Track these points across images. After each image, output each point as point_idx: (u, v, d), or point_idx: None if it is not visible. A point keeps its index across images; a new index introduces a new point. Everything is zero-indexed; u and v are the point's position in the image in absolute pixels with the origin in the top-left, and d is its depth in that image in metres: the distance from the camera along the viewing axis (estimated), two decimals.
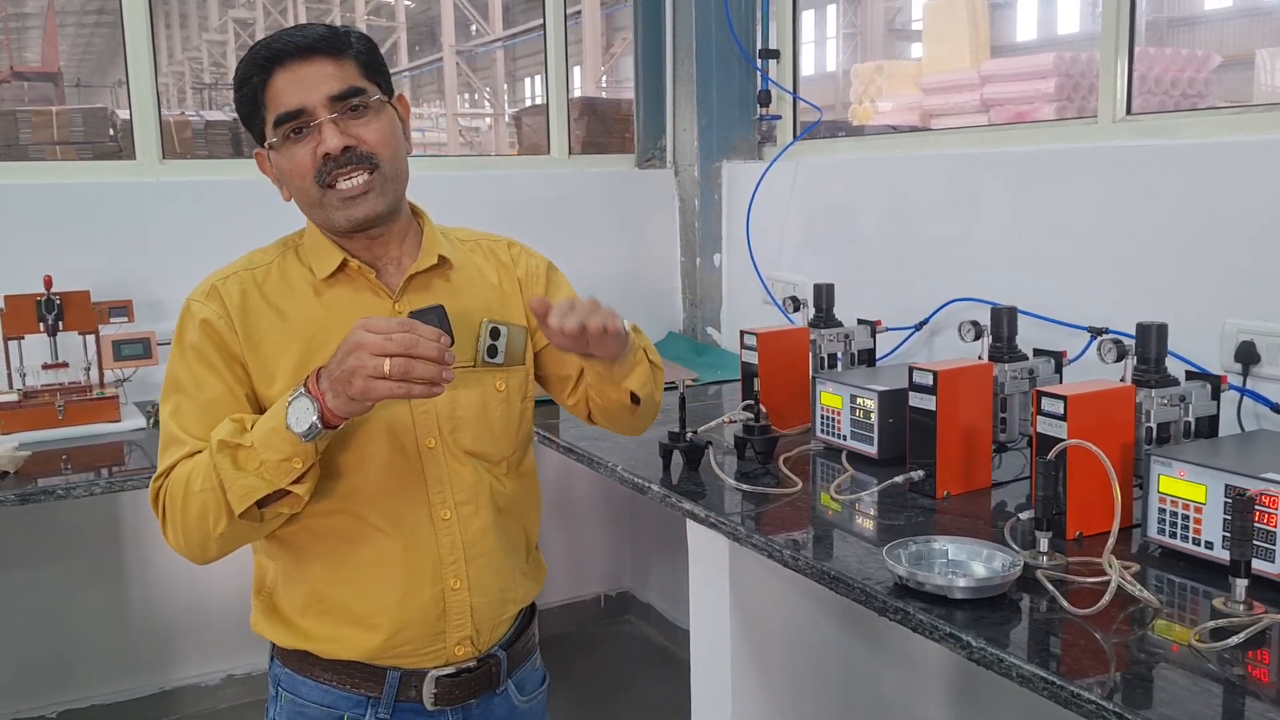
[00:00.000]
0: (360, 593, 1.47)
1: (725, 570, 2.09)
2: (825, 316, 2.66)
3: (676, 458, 2.31)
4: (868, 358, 2.68)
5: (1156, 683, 1.34)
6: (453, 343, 1.28)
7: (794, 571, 1.81)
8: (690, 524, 2.12)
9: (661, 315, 3.67)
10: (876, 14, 12.64)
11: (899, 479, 2.06)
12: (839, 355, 2.64)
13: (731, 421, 2.48)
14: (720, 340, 3.63)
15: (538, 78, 22.01)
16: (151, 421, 2.79)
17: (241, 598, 1.66)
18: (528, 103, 21.32)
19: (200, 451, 1.37)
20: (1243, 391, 2.05)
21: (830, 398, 2.37)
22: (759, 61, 3.43)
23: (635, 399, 1.59)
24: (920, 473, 2.05)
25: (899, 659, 2.37)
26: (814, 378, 2.49)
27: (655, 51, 3.65)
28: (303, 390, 1.29)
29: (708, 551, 2.13)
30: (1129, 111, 2.43)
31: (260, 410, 1.42)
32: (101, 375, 2.86)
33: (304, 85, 1.39)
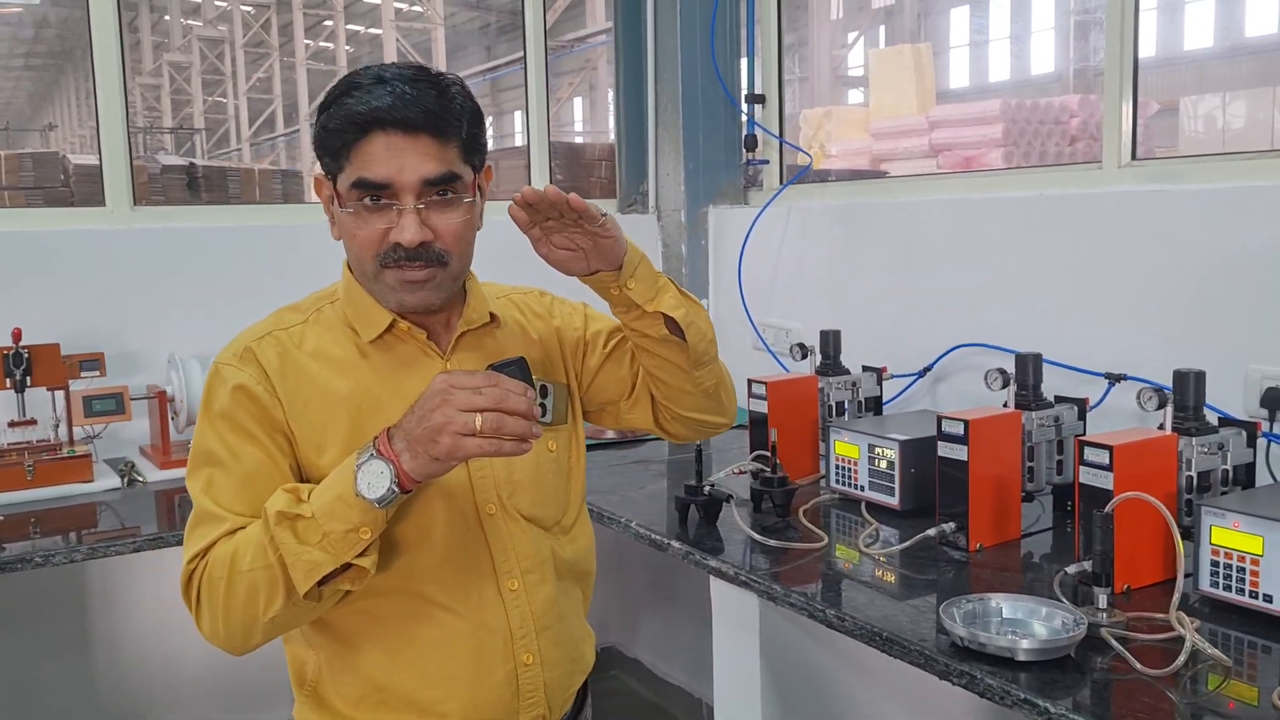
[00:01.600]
0: (425, 679, 1.37)
1: (755, 630, 2.01)
2: (833, 364, 2.61)
3: (693, 511, 2.23)
4: (875, 405, 2.64)
5: None
6: (537, 397, 1.21)
7: (840, 633, 1.73)
8: (715, 582, 2.04)
9: None
10: (823, 61, 12.81)
11: (931, 532, 2.00)
12: (846, 403, 2.60)
13: (740, 472, 2.42)
14: None
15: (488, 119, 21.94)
16: (126, 481, 2.65)
17: (215, 669, 1.54)
18: None
19: (241, 529, 1.27)
20: (1272, 438, 2.03)
21: (846, 447, 2.32)
22: (745, 106, 3.40)
23: (676, 333, 1.43)
24: (952, 524, 2.00)
25: (929, 713, 2.30)
26: (827, 426, 2.44)
27: (636, 95, 3.61)
28: (373, 452, 1.20)
29: (735, 610, 2.05)
30: (1134, 157, 2.43)
31: (303, 481, 1.32)
32: (71, 432, 2.71)
33: (399, 162, 1.27)
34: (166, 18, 21.84)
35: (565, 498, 1.50)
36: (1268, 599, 1.61)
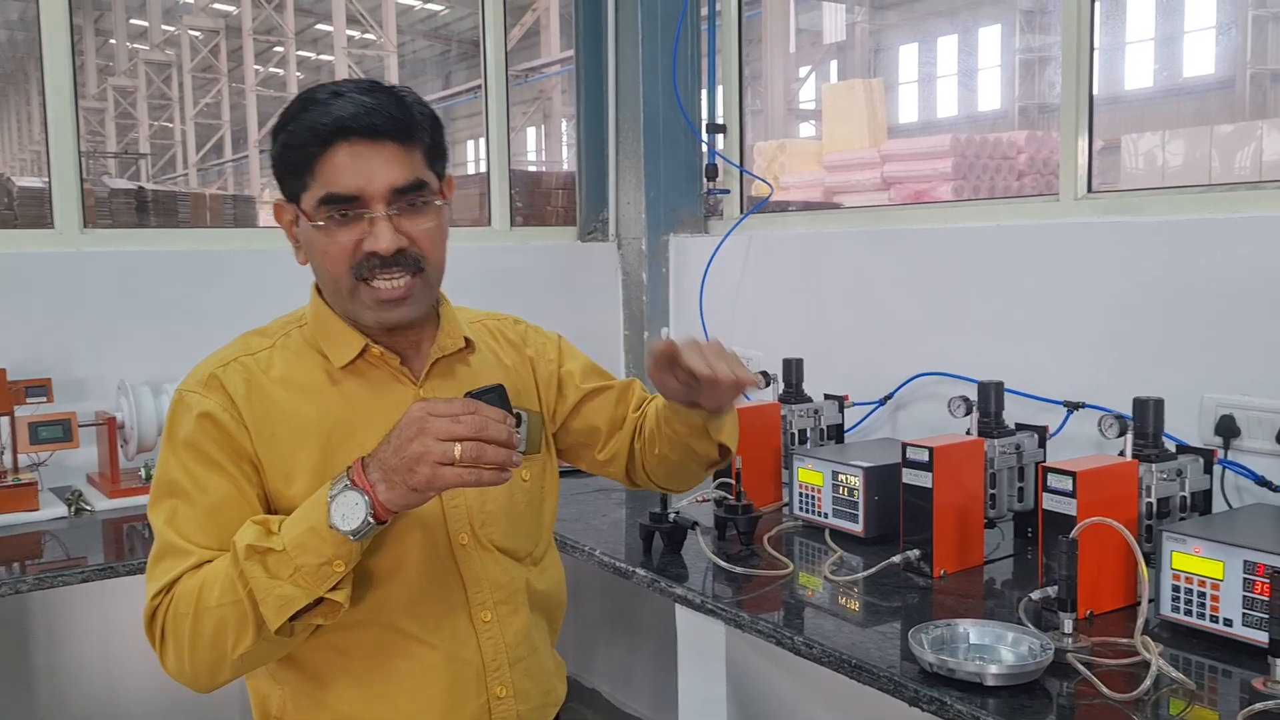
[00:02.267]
0: (397, 713, 1.33)
1: (721, 658, 2.00)
2: (795, 392, 2.62)
3: (657, 539, 2.22)
4: (837, 433, 2.65)
5: None
6: (517, 425, 1.17)
7: (807, 660, 1.73)
8: (680, 610, 2.03)
9: None
10: (776, 94, 12.98)
11: (896, 558, 2.01)
12: (809, 431, 2.61)
13: (704, 500, 2.41)
14: None
15: None
16: (73, 510, 2.59)
17: (162, 703, 1.48)
18: None
19: (208, 562, 1.22)
20: (1226, 465, 2.07)
21: (810, 474, 2.32)
22: (706, 135, 3.43)
23: (724, 451, 1.50)
24: (917, 551, 2.01)
25: None
26: (790, 454, 2.44)
27: (597, 124, 3.62)
28: (347, 483, 1.16)
29: (700, 638, 2.04)
30: (1090, 189, 2.47)
31: (271, 512, 1.28)
32: (15, 460, 2.64)
33: (367, 171, 1.25)
34: (112, 41, 21.60)
35: (538, 529, 1.48)
36: (1228, 623, 1.63)
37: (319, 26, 19.94)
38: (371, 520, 1.15)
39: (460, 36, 19.10)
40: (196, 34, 20.68)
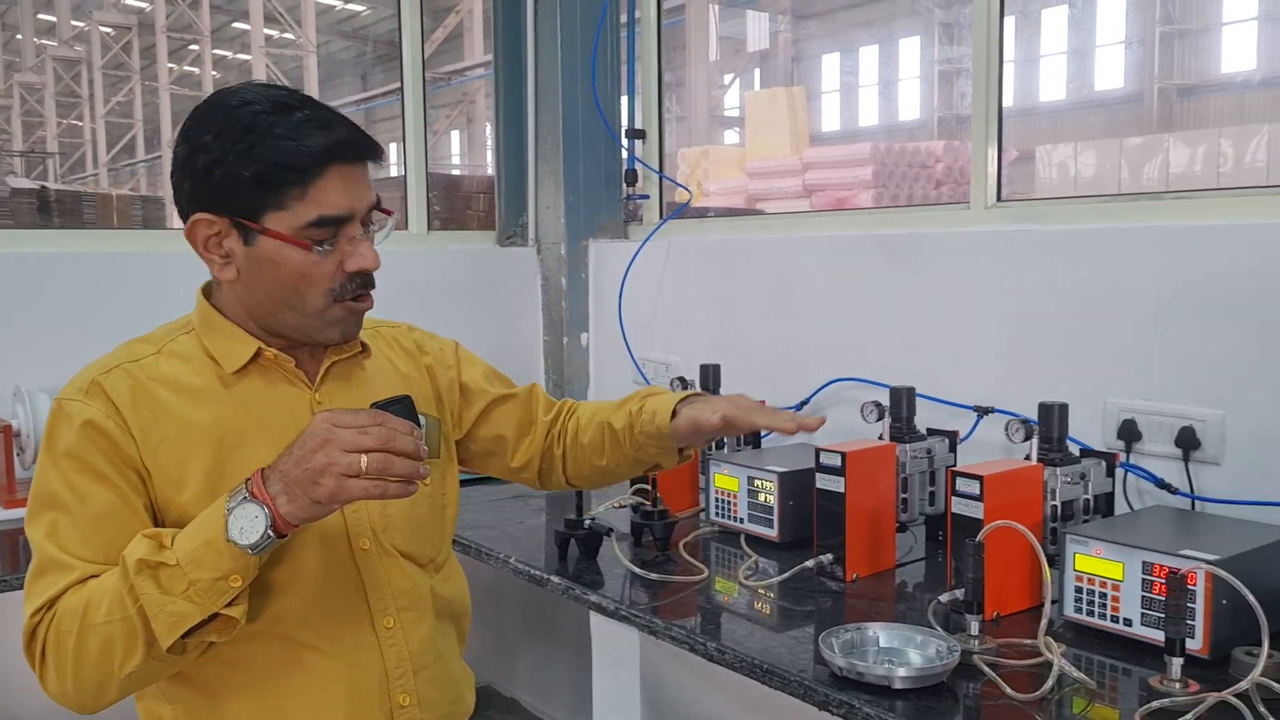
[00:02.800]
0: None
1: (635, 665, 1.99)
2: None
3: (573, 545, 2.21)
4: (754, 438, 2.66)
5: None
6: (423, 435, 1.16)
7: (720, 665, 1.73)
8: (595, 617, 2.02)
9: None
10: (700, 101, 13.05)
11: (809, 563, 2.02)
12: (725, 436, 2.61)
13: (621, 506, 2.41)
14: None
15: None
16: None
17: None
18: None
19: (93, 577, 1.18)
20: (1128, 468, 2.12)
21: (725, 480, 2.33)
22: (625, 140, 3.43)
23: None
24: (830, 556, 2.03)
25: None
26: (706, 459, 2.45)
27: (517, 128, 3.60)
28: (245, 495, 1.13)
29: (615, 645, 2.02)
30: (999, 198, 2.52)
31: (159, 523, 1.24)
32: None
33: (355, 191, 1.27)
34: (19, 36, 20.94)
35: (440, 534, 1.47)
36: (1128, 623, 1.67)
37: (236, 25, 19.55)
38: (271, 534, 1.12)
39: (379, 38, 18.88)
40: (108, 30, 20.14)
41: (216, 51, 20.13)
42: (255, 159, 1.22)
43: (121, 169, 21.98)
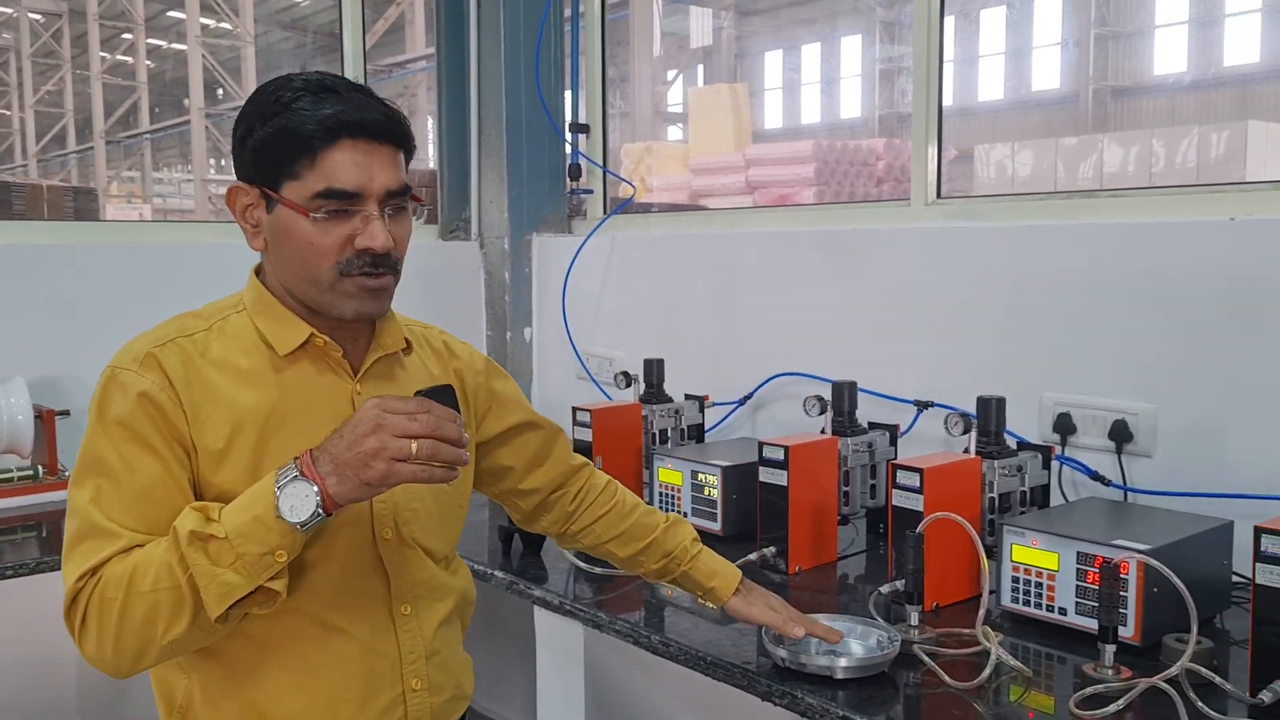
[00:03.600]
0: (312, 702, 1.32)
1: (579, 659, 1.99)
2: (656, 392, 2.63)
3: (516, 540, 2.20)
4: (697, 433, 2.67)
5: None
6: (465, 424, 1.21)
7: (665, 658, 1.74)
8: (539, 611, 2.02)
9: None
10: (644, 97, 13.06)
11: (753, 556, 2.04)
12: (669, 431, 2.62)
13: None
14: None
15: None
16: None
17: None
18: None
19: (138, 546, 1.20)
20: (1063, 461, 2.16)
21: (669, 474, 2.34)
22: (569, 135, 3.42)
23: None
24: (773, 548, 2.04)
25: None
26: (650, 454, 2.45)
27: (459, 122, 3.57)
28: (296, 474, 1.15)
29: (558, 640, 2.02)
30: (939, 195, 2.56)
31: (199, 497, 1.26)
32: None
33: (369, 170, 1.27)
34: None
35: (454, 532, 1.50)
36: (1062, 611, 1.71)
37: (171, 14, 19.15)
38: (321, 512, 1.15)
39: (319, 28, 18.59)
40: (37, 17, 19.63)
41: (151, 41, 19.71)
42: (274, 128, 1.27)
43: (52, 160, 21.46)
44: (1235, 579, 1.80)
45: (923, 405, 2.39)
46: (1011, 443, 2.05)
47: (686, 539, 1.66)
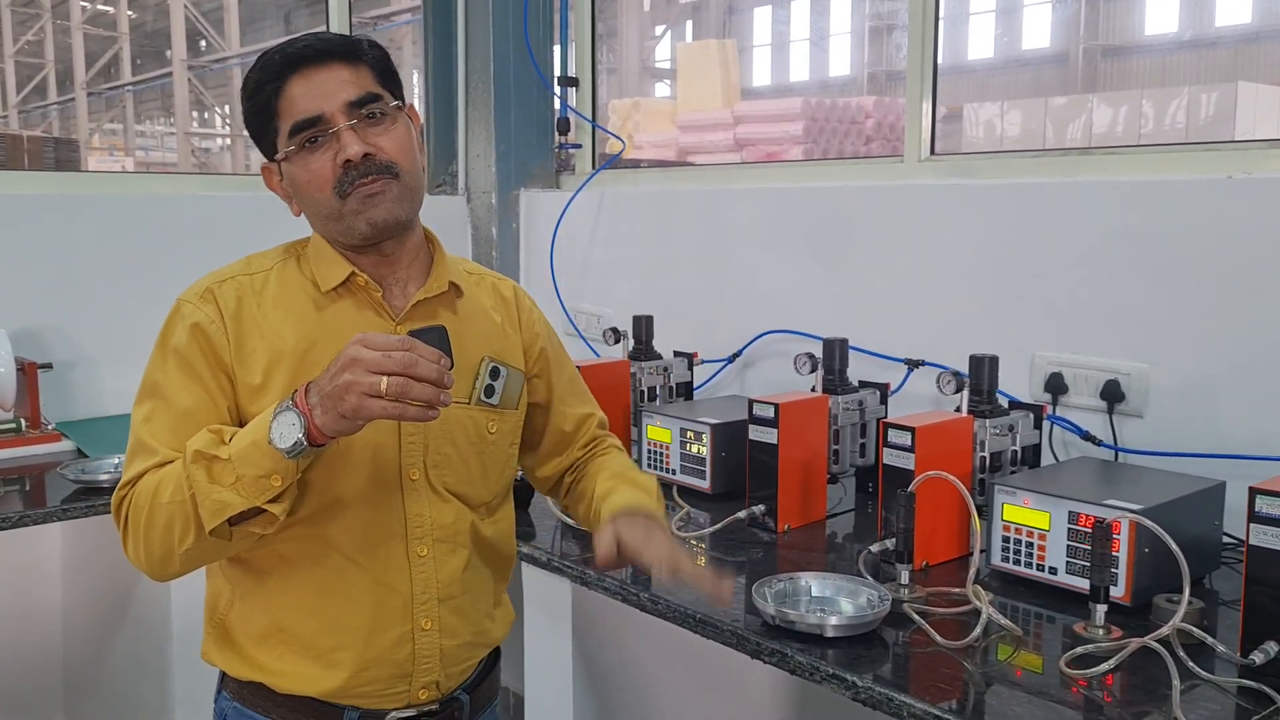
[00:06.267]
0: (324, 626, 1.37)
1: (567, 616, 1.98)
2: (645, 349, 2.61)
3: None
4: (686, 390, 2.66)
5: (1045, 713, 1.35)
6: (452, 365, 1.21)
7: (653, 616, 1.73)
8: (527, 568, 2.01)
9: None
10: (632, 53, 12.92)
11: (742, 514, 2.03)
12: (658, 388, 2.60)
13: None
14: None
15: None
16: None
17: None
18: None
19: (171, 462, 1.29)
20: (1055, 420, 2.15)
21: (658, 432, 2.33)
22: (558, 89, 3.37)
23: None
24: (762, 507, 2.03)
25: (733, 693, 2.33)
26: (639, 411, 2.44)
27: (446, 75, 3.51)
28: (290, 404, 1.21)
29: (547, 597, 2.02)
30: (933, 152, 2.53)
31: (241, 425, 1.31)
32: None
33: (321, 91, 1.33)
34: None
35: (497, 481, 1.49)
36: (1053, 571, 1.70)
37: None
38: (305, 441, 1.19)
39: None
40: None
41: None
42: (247, 99, 1.37)
43: (33, 111, 21.15)
44: (1225, 540, 1.80)
45: (913, 364, 2.37)
46: (1003, 402, 2.04)
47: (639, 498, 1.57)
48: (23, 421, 2.57)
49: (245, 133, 1.43)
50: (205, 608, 1.46)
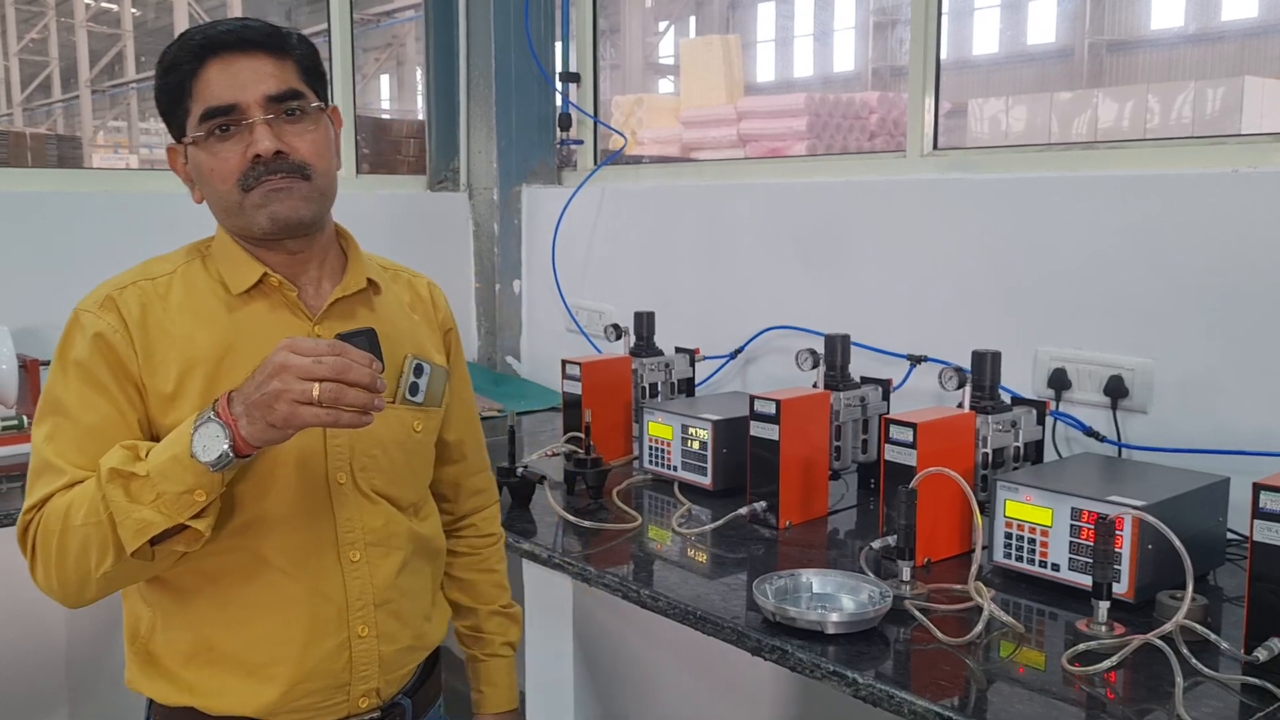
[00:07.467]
0: (256, 641, 1.32)
1: (568, 613, 1.98)
2: (647, 345, 2.61)
3: (505, 494, 2.18)
4: (687, 386, 2.65)
5: (1048, 711, 1.34)
6: (384, 369, 1.17)
7: (653, 612, 1.72)
8: (528, 565, 2.00)
9: None
10: (635, 48, 12.90)
11: (743, 510, 2.02)
12: (659, 384, 2.60)
13: (554, 454, 2.38)
14: (520, 370, 3.51)
15: None
16: None
17: None
18: None
19: (80, 482, 1.23)
20: (1058, 416, 2.14)
21: (660, 428, 2.32)
22: (559, 84, 3.36)
23: None
24: (763, 503, 2.02)
25: (734, 689, 2.33)
26: (640, 408, 2.43)
27: (448, 70, 3.51)
28: (211, 415, 1.15)
29: (547, 593, 2.01)
30: (935, 146, 2.52)
31: (153, 438, 1.26)
32: None
33: (240, 80, 1.27)
34: None
35: (424, 481, 1.48)
36: (1055, 568, 1.69)
37: None
38: (231, 454, 1.14)
39: None
40: None
41: None
42: (160, 74, 1.31)
43: (37, 109, 21.17)
44: (1230, 536, 1.78)
45: (916, 360, 2.36)
46: (1006, 398, 2.03)
47: (503, 636, 1.65)
48: (25, 419, 2.57)
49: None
50: (125, 633, 1.40)
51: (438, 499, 1.57)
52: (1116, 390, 2.08)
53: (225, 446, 1.13)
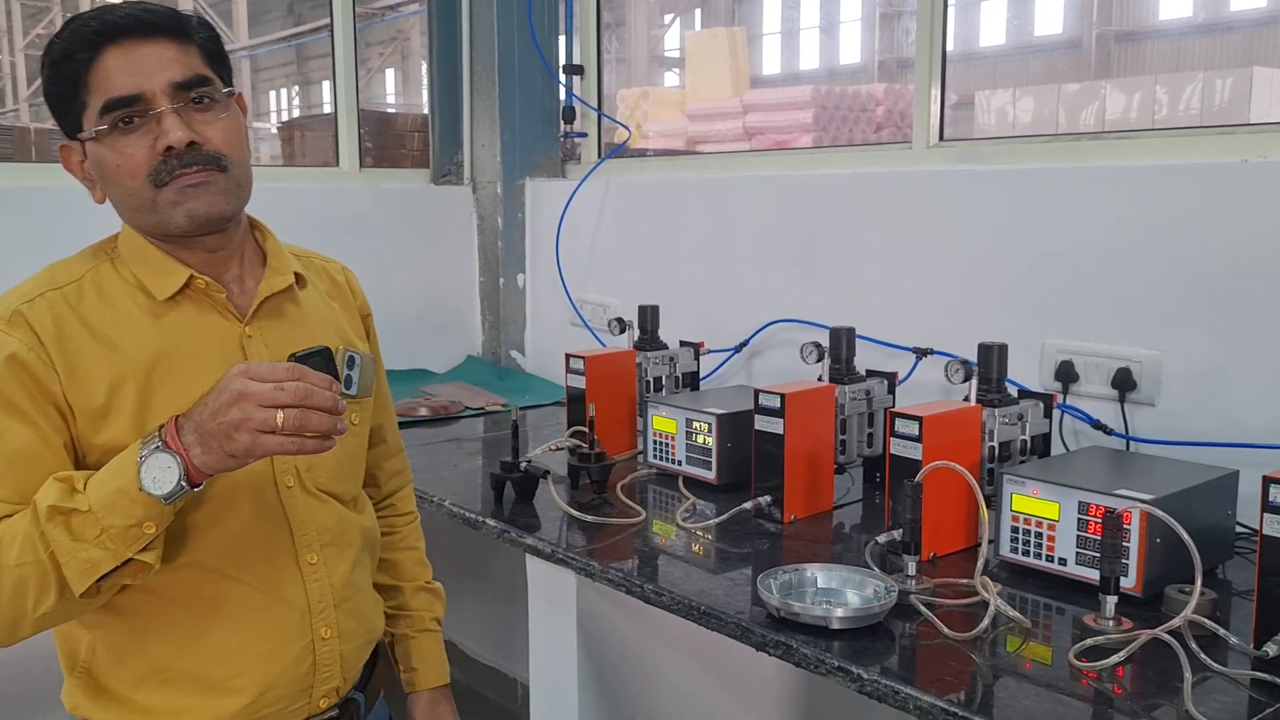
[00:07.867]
0: (217, 656, 1.28)
1: (572, 608, 1.97)
2: (651, 339, 2.59)
3: (508, 489, 2.17)
4: (692, 380, 2.63)
5: (1055, 706, 1.33)
6: (350, 368, 1.16)
7: (657, 607, 1.71)
8: (531, 559, 1.99)
9: (459, 338, 3.50)
10: (640, 42, 12.87)
11: (747, 505, 2.01)
12: (664, 378, 2.58)
13: (558, 448, 2.37)
14: (524, 364, 3.50)
15: (283, 91, 21.09)
16: None
17: None
18: (273, 116, 20.36)
19: (7, 516, 1.15)
20: (1065, 409, 2.13)
21: (664, 422, 2.30)
22: (563, 77, 3.34)
23: None
24: (768, 498, 2.01)
25: (738, 684, 2.31)
26: (644, 401, 2.42)
27: (451, 64, 3.49)
28: (159, 444, 1.09)
29: (551, 588, 2.00)
30: (942, 138, 2.50)
31: (81, 460, 1.20)
32: None
33: (142, 68, 1.19)
34: None
35: (360, 474, 1.46)
36: (1062, 562, 1.68)
37: None
38: (184, 484, 1.09)
39: None
40: None
41: None
42: (50, 66, 1.22)
43: (42, 105, 21.19)
44: (1239, 529, 1.77)
45: (921, 353, 2.35)
46: (1012, 391, 2.01)
47: (430, 611, 1.65)
48: None
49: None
50: (61, 656, 1.34)
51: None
52: (1124, 383, 2.06)
53: (178, 477, 1.08)
